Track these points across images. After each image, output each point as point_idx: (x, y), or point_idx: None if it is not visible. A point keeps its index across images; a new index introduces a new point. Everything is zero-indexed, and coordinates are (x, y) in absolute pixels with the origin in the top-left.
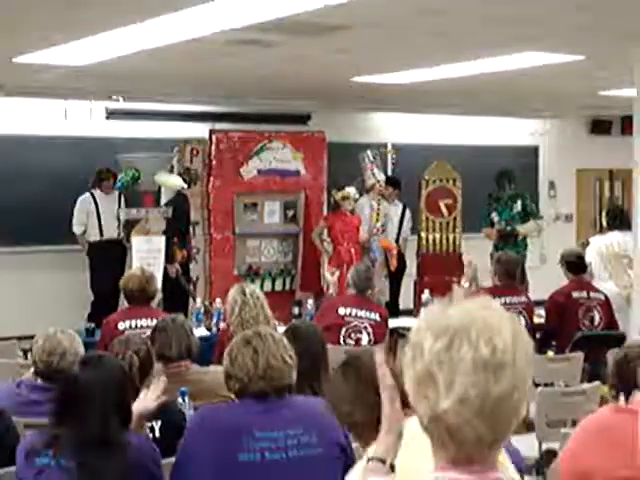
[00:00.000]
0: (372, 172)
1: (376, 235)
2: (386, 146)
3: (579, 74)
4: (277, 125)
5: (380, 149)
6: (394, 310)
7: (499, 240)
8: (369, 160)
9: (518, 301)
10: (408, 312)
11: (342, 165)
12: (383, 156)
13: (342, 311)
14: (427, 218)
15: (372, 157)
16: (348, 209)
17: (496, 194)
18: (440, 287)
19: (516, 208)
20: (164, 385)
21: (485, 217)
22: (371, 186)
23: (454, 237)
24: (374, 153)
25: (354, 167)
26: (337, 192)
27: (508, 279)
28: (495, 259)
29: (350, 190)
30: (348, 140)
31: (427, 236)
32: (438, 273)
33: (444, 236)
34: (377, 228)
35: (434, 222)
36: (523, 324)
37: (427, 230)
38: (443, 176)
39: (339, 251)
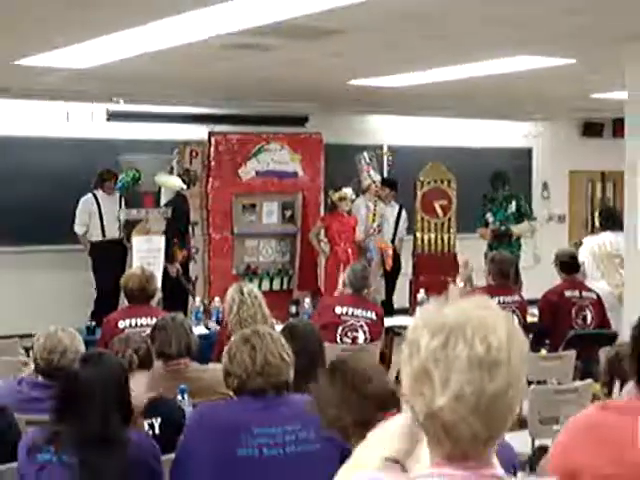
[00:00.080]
0: (368, 173)
1: (372, 235)
2: (382, 148)
3: (571, 77)
4: (275, 127)
5: (376, 151)
6: (389, 309)
7: (493, 240)
8: (365, 162)
9: (511, 300)
10: (404, 311)
11: (339, 166)
12: (379, 158)
13: (339, 310)
14: (422, 219)
15: (368, 159)
16: (345, 210)
17: (491, 195)
18: (435, 286)
19: (510, 209)
20: (147, 380)
21: (480, 217)
22: (367, 187)
23: (449, 237)
24: (370, 155)
25: (351, 168)
26: (334, 193)
27: (502, 279)
28: (489, 259)
29: (347, 191)
30: (345, 142)
31: (422, 236)
32: (433, 273)
33: (439, 236)
34: (373, 228)
35: (429, 222)
36: (516, 323)
37: (422, 230)
38: (438, 177)
39: (336, 251)
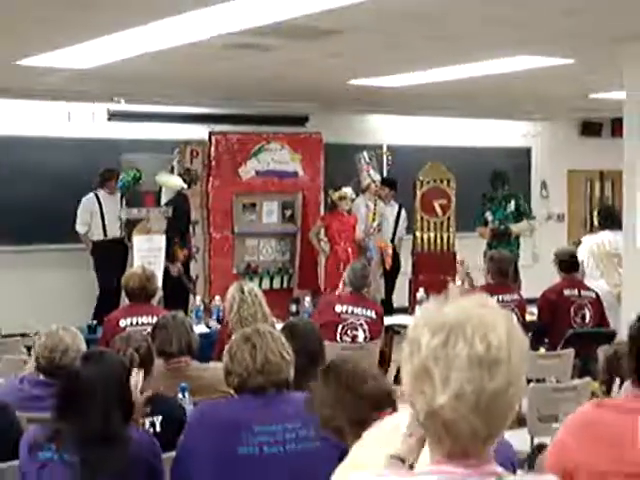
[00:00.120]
0: (368, 173)
1: (372, 235)
2: (382, 147)
3: (569, 77)
4: (275, 127)
5: (376, 150)
6: (389, 308)
7: (492, 239)
8: (365, 161)
9: (510, 299)
10: (403, 310)
11: (339, 166)
12: (379, 157)
13: (339, 309)
14: (422, 218)
15: (368, 158)
16: (345, 209)
17: (490, 194)
18: (434, 285)
19: (510, 208)
20: (142, 377)
21: (479, 216)
22: (367, 186)
23: (448, 236)
24: (370, 154)
25: (350, 168)
26: (334, 192)
27: (501, 277)
28: (488, 257)
29: (347, 190)
30: (345, 141)
31: (422, 235)
32: (432, 272)
33: (438, 235)
34: (373, 228)
35: (429, 222)
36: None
37: (422, 229)
38: (437, 177)
39: (336, 250)
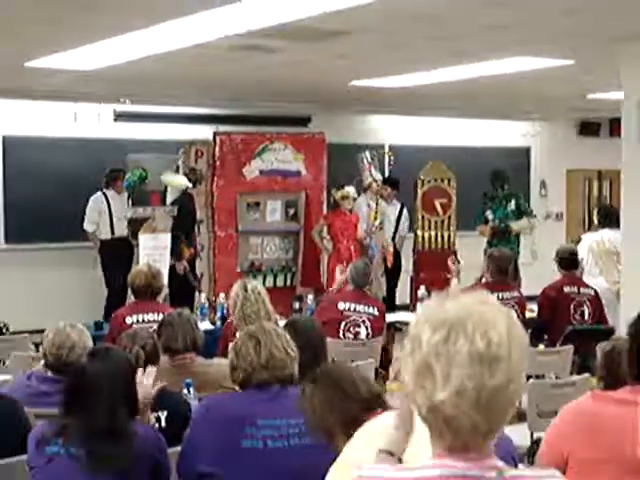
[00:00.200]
0: (370, 172)
1: (374, 233)
2: (383, 147)
3: (568, 78)
4: (278, 127)
5: (378, 150)
6: (391, 305)
7: (493, 237)
8: (367, 161)
9: (510, 296)
10: (404, 307)
11: (341, 165)
12: (380, 157)
13: (341, 306)
14: (423, 217)
15: (370, 158)
16: (347, 208)
17: (491, 193)
18: (435, 283)
19: (510, 207)
20: (155, 373)
21: (480, 215)
22: (368, 186)
23: (449, 235)
24: (372, 154)
25: (353, 167)
26: (337, 191)
27: (500, 275)
28: (487, 255)
29: (349, 189)
30: (347, 141)
31: (423, 234)
32: (433, 269)
33: (439, 234)
34: (375, 226)
35: (429, 220)
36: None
37: (423, 228)
38: (438, 176)
39: (339, 248)
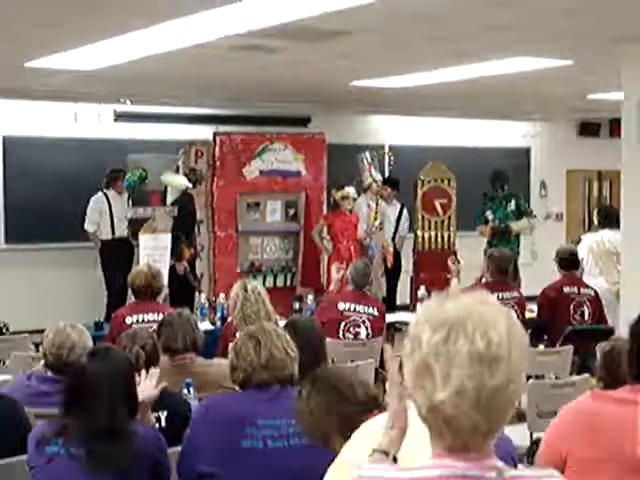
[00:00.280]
0: (370, 172)
1: (374, 233)
2: (383, 147)
3: (568, 78)
4: (278, 127)
5: (378, 150)
6: (391, 305)
7: (493, 237)
8: (367, 161)
9: (510, 296)
10: (404, 307)
11: (341, 166)
12: (381, 157)
13: (341, 306)
14: (423, 217)
15: (370, 158)
16: (347, 208)
17: (491, 194)
18: (435, 283)
19: (510, 207)
20: (158, 374)
21: (480, 215)
22: (368, 186)
23: (449, 235)
24: (372, 154)
25: (353, 168)
26: (337, 192)
27: (500, 275)
28: (487, 255)
29: (349, 190)
30: (347, 142)
31: (423, 234)
32: (433, 270)
33: (439, 234)
34: (375, 227)
35: (429, 221)
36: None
37: (423, 228)
38: (438, 176)
39: (339, 249)
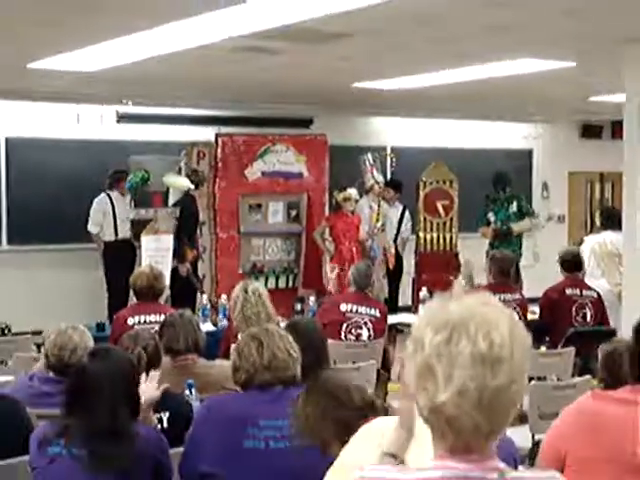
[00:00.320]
0: (372, 174)
1: (376, 235)
2: (385, 149)
3: (570, 80)
4: (280, 129)
5: (380, 152)
6: (393, 307)
7: (495, 239)
8: (369, 163)
9: (512, 298)
10: (406, 309)
11: (343, 167)
12: (382, 159)
13: (343, 307)
14: (425, 218)
15: (372, 160)
16: (349, 210)
17: (493, 195)
18: (437, 285)
19: (512, 209)
20: (159, 376)
21: (482, 217)
22: (370, 187)
23: (451, 236)
24: (374, 156)
25: (355, 169)
26: (339, 193)
27: (502, 277)
28: (489, 257)
29: (351, 192)
30: (349, 143)
31: (425, 236)
32: (435, 271)
33: (441, 235)
34: (377, 228)
35: (431, 222)
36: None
37: (425, 230)
38: (440, 178)
39: (341, 250)
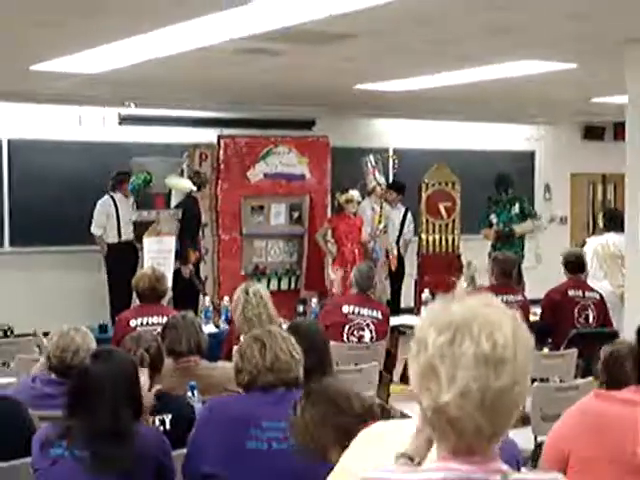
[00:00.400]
0: (374, 176)
1: (378, 237)
2: (387, 151)
3: (573, 82)
4: (283, 130)
5: (382, 154)
6: (395, 309)
7: (497, 240)
8: (371, 164)
9: (514, 300)
10: (409, 310)
11: (345, 169)
12: (385, 160)
13: (346, 309)
14: (427, 220)
15: (374, 161)
16: (352, 211)
17: (495, 197)
18: (440, 286)
19: (514, 210)
20: (148, 377)
21: (484, 219)
22: (372, 189)
23: (453, 238)
24: (376, 158)
25: (357, 171)
26: (341, 195)
27: (504, 278)
28: (492, 259)
29: (354, 193)
30: (351, 145)
31: (427, 237)
32: (437, 273)
33: (443, 237)
34: (379, 230)
35: (434, 224)
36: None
37: (427, 231)
38: (442, 179)
39: (343, 252)
